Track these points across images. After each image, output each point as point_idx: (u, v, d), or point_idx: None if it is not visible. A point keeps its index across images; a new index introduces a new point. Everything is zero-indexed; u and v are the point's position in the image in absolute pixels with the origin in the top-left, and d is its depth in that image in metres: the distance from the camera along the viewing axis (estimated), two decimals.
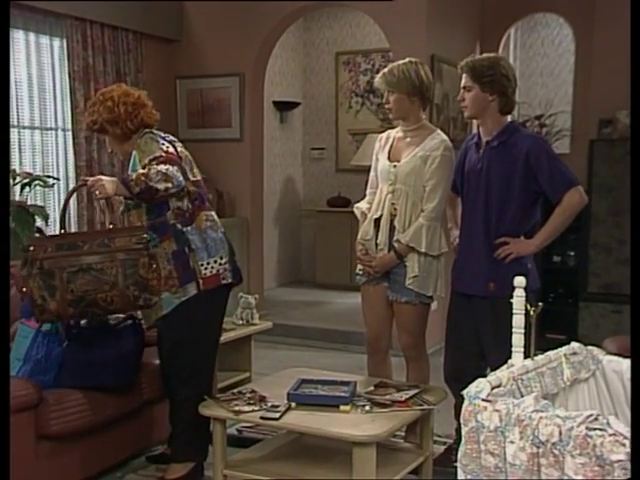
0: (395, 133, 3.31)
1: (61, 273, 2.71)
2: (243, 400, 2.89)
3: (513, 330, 1.91)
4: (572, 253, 5.42)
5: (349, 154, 7.55)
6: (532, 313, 1.87)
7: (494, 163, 3.02)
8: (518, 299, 1.88)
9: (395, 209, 3.19)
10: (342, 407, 2.75)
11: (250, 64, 5.79)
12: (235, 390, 3.03)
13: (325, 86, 7.80)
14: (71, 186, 5.06)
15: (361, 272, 3.33)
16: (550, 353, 1.96)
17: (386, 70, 3.22)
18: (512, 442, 1.61)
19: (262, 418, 2.70)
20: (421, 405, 2.82)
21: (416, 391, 2.93)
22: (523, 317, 1.90)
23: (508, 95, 3.00)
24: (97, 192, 2.79)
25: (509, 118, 3.11)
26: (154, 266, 2.81)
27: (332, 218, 7.34)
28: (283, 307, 6.57)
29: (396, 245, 3.17)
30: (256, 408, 2.79)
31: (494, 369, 3.07)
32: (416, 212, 3.16)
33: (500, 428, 1.64)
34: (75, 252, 2.74)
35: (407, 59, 3.23)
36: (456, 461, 3.14)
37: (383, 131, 7.50)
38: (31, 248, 2.73)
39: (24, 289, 2.74)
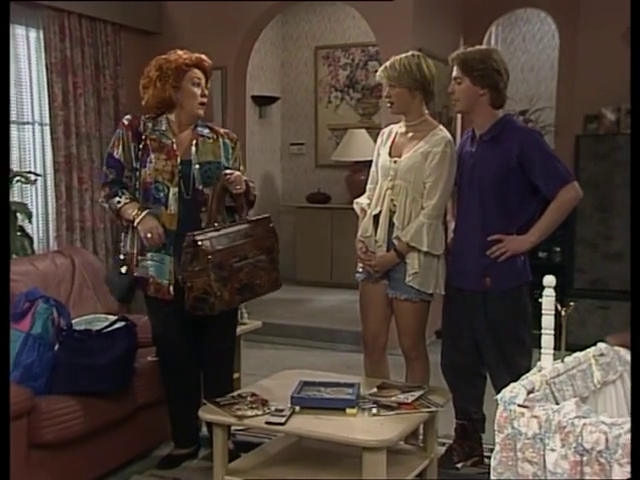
0: (397, 128, 3.24)
1: (229, 265, 2.86)
2: (244, 404, 2.79)
3: (543, 331, 1.85)
4: (558, 249, 5.41)
5: (329, 149, 7.47)
6: (563, 313, 1.81)
7: (487, 157, 2.99)
8: (548, 299, 1.82)
9: (394, 205, 3.12)
10: (348, 410, 2.67)
11: (232, 58, 5.67)
12: (234, 393, 2.93)
13: (304, 81, 7.70)
14: (50, 182, 4.90)
15: (361, 269, 3.26)
16: (579, 354, 1.91)
17: (388, 63, 3.14)
18: (553, 450, 1.55)
19: (267, 423, 2.61)
20: (428, 407, 2.76)
21: (421, 392, 2.86)
22: (553, 317, 1.84)
23: (499, 89, 2.96)
24: (237, 187, 2.97)
25: (501, 112, 3.06)
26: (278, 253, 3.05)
27: (312, 214, 7.25)
28: (264, 305, 6.39)
29: (396, 243, 3.10)
30: (259, 412, 2.70)
31: (490, 364, 3.11)
32: (416, 209, 3.09)
33: (539, 435, 1.58)
34: (231, 244, 2.90)
35: (410, 52, 3.15)
36: (458, 462, 3.18)
37: (363, 127, 7.45)
38: (199, 243, 2.80)
39: (189, 284, 2.82)
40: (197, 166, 3.05)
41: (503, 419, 1.63)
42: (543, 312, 1.84)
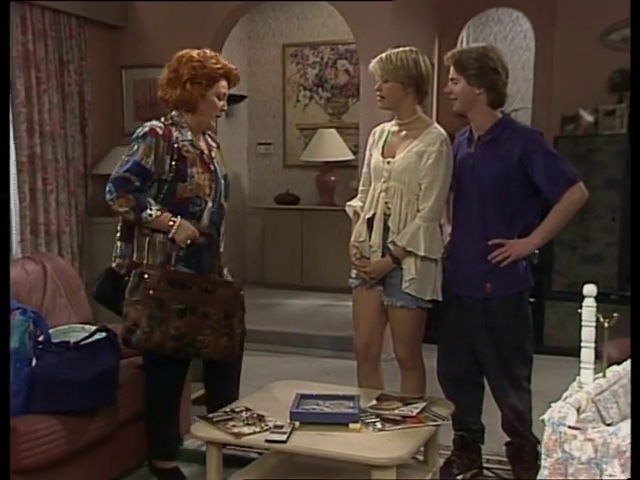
0: (390, 127, 3.10)
1: (171, 307, 2.76)
2: (240, 420, 2.62)
3: (582, 344, 1.74)
4: (536, 251, 5.34)
5: (297, 149, 7.32)
6: (606, 325, 1.70)
7: (487, 159, 2.88)
8: (588, 309, 1.71)
9: (389, 208, 2.98)
10: (351, 425, 2.53)
11: None
12: (227, 409, 2.76)
13: (271, 79, 7.52)
14: (13, 184, 4.62)
15: (354, 275, 3.12)
16: (617, 368, 1.81)
17: (383, 55, 3.01)
18: (612, 476, 1.43)
19: (268, 441, 2.45)
20: (434, 420, 2.63)
21: (424, 404, 2.74)
22: (593, 330, 1.73)
23: (497, 88, 2.85)
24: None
25: (499, 113, 2.96)
26: (242, 323, 2.91)
27: (280, 216, 7.08)
28: None
29: (391, 248, 2.97)
30: (257, 429, 2.54)
31: (489, 373, 3.01)
32: (412, 211, 2.96)
33: (595, 460, 1.46)
34: (184, 291, 2.80)
35: (407, 47, 3.02)
36: (458, 474, 3.07)
37: (333, 126, 7.30)
38: (146, 276, 2.77)
39: (124, 311, 2.77)
40: (222, 180, 3.04)
41: (552, 442, 1.51)
42: (583, 324, 1.73)
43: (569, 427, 1.50)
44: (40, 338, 2.69)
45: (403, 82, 2.94)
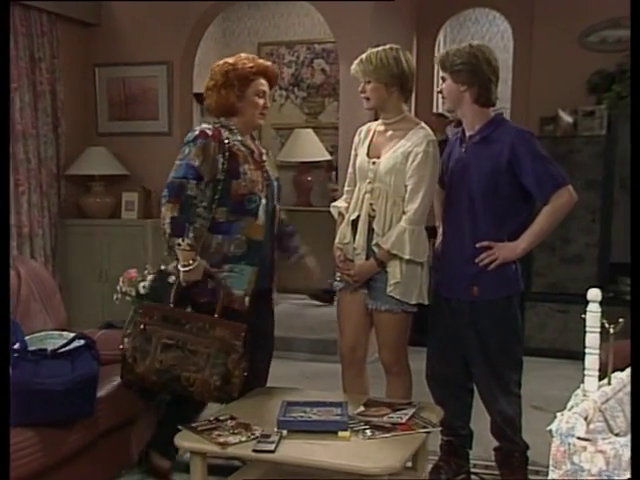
0: (376, 126, 3.04)
1: (157, 342, 2.79)
2: (225, 429, 2.53)
3: (587, 350, 1.69)
4: None
5: (273, 149, 7.20)
6: (612, 331, 1.65)
7: (477, 160, 2.84)
8: (592, 315, 1.66)
9: (374, 210, 2.92)
10: (341, 433, 2.46)
11: (179, 52, 5.36)
12: (211, 417, 2.67)
13: None
14: None
15: (339, 278, 3.06)
16: (621, 375, 1.76)
17: (364, 56, 2.95)
18: None
19: (255, 451, 2.37)
20: (425, 427, 2.57)
21: (413, 410, 2.68)
22: (598, 336, 1.68)
23: (482, 86, 2.81)
24: None
25: (492, 112, 2.92)
26: (242, 365, 2.80)
27: None
28: None
29: (376, 250, 2.91)
30: (243, 439, 2.45)
31: (478, 377, 2.97)
32: (397, 213, 2.90)
33: (606, 472, 1.41)
34: (176, 328, 2.81)
35: (388, 45, 2.95)
36: None
37: (309, 126, 7.24)
38: (140, 311, 2.86)
39: (121, 346, 2.84)
40: (274, 182, 3.04)
41: (560, 454, 1.46)
42: (587, 329, 1.69)
43: (578, 438, 1.45)
44: (15, 346, 2.58)
45: (385, 82, 2.89)
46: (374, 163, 2.94)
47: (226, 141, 2.86)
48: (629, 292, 4.98)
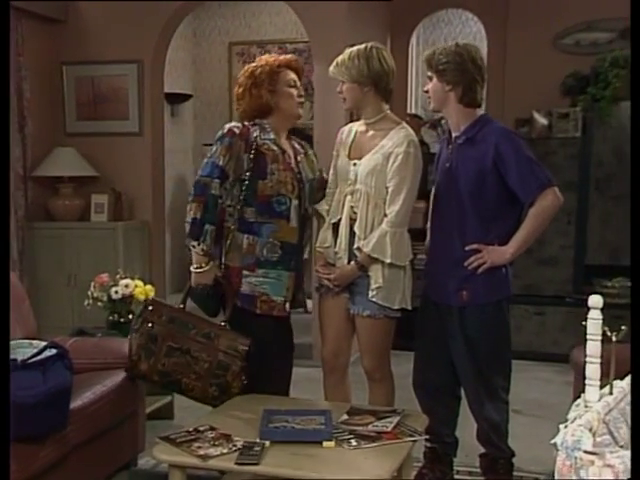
0: (358, 127, 2.97)
1: (163, 343, 2.79)
2: (205, 440, 2.43)
3: (587, 359, 1.63)
4: None
5: None
6: (614, 338, 1.60)
7: (463, 161, 2.79)
8: (593, 322, 1.60)
9: (355, 212, 2.86)
10: (325, 443, 2.38)
11: (149, 51, 5.24)
12: (190, 428, 2.57)
13: (217, 78, 7.33)
14: None
15: (319, 283, 2.99)
16: (622, 384, 1.72)
17: (339, 58, 2.89)
18: None
19: (238, 464, 2.28)
20: (411, 435, 2.50)
21: (398, 418, 2.61)
22: (599, 344, 1.63)
23: (467, 86, 2.76)
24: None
25: (479, 112, 2.88)
26: (243, 378, 2.78)
27: None
28: None
29: (357, 254, 2.84)
30: (225, 450, 2.35)
31: (466, 383, 2.92)
32: (379, 216, 2.83)
33: None
34: (183, 332, 2.81)
35: (365, 44, 2.89)
36: None
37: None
38: (150, 308, 2.86)
39: (129, 337, 2.89)
40: (308, 184, 2.96)
41: (567, 468, 1.41)
42: (588, 337, 1.63)
43: (585, 452, 1.40)
44: None
45: (358, 81, 2.83)
46: (355, 164, 2.88)
47: (254, 140, 2.83)
48: (605, 294, 4.97)
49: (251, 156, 2.81)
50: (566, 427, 1.47)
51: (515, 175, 2.71)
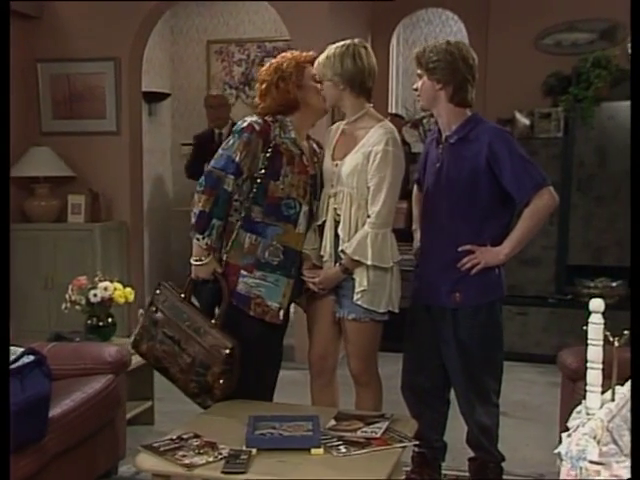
0: (343, 126, 2.92)
1: (160, 329, 2.78)
2: (190, 449, 2.36)
3: (588, 364, 1.59)
4: None
5: None
6: (617, 343, 1.56)
7: (454, 161, 2.74)
8: (595, 327, 1.56)
9: (338, 215, 2.80)
10: (314, 451, 2.32)
11: (126, 48, 5.15)
12: (173, 436, 2.50)
13: (195, 77, 7.22)
14: None
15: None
16: (623, 390, 1.68)
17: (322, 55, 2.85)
18: None
19: (225, 473, 2.21)
20: (401, 441, 2.45)
21: (387, 423, 2.56)
22: (601, 349, 1.59)
23: (457, 85, 2.71)
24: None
25: (469, 111, 2.83)
26: (221, 381, 2.69)
27: None
28: None
29: (342, 257, 2.78)
30: (210, 459, 2.28)
31: (457, 387, 2.87)
32: (362, 217, 2.75)
33: None
34: (177, 321, 2.77)
35: (342, 42, 2.81)
36: None
37: None
38: (157, 291, 2.84)
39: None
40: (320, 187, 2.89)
41: (572, 478, 1.36)
42: (589, 342, 1.59)
43: (591, 462, 1.35)
44: None
45: (332, 80, 2.77)
46: (337, 165, 2.82)
47: (273, 138, 2.77)
48: (587, 294, 4.99)
49: (267, 155, 2.76)
50: (569, 436, 1.42)
51: (510, 175, 2.67)
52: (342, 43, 2.81)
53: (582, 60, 4.92)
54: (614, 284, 4.91)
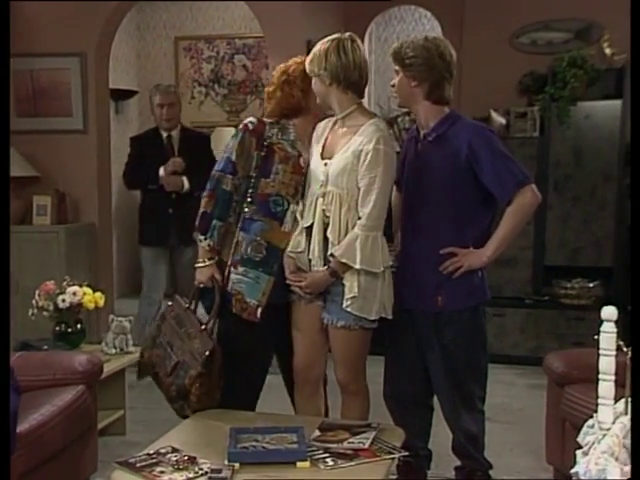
0: (332, 123, 2.80)
1: (162, 337, 2.83)
2: (168, 464, 2.25)
3: (600, 377, 1.51)
4: None
5: None
6: (629, 354, 1.48)
7: (433, 160, 2.66)
8: (607, 336, 1.48)
9: (327, 216, 2.68)
10: (300, 464, 2.23)
11: (92, 43, 4.96)
12: (150, 451, 2.37)
13: (163, 74, 7.07)
14: None
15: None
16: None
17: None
18: None
19: None
20: (390, 452, 2.36)
21: (374, 433, 2.47)
22: (613, 360, 1.51)
23: (433, 82, 2.63)
24: None
25: (447, 109, 2.75)
26: (197, 385, 2.64)
27: None
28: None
29: (331, 260, 2.67)
30: (190, 475, 2.17)
31: (440, 392, 2.79)
32: (352, 219, 2.63)
33: None
34: (176, 328, 2.80)
35: (329, 37, 2.70)
36: None
37: (231, 125, 6.91)
38: (169, 303, 2.91)
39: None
40: None
41: None
42: (601, 352, 1.51)
43: None
44: None
45: (319, 75, 2.68)
46: (326, 164, 2.70)
47: (267, 138, 2.79)
48: (564, 295, 4.98)
49: (262, 154, 2.78)
50: (586, 454, 1.34)
51: (491, 173, 2.60)
52: (330, 37, 2.71)
53: (558, 59, 4.89)
54: (591, 285, 4.89)
